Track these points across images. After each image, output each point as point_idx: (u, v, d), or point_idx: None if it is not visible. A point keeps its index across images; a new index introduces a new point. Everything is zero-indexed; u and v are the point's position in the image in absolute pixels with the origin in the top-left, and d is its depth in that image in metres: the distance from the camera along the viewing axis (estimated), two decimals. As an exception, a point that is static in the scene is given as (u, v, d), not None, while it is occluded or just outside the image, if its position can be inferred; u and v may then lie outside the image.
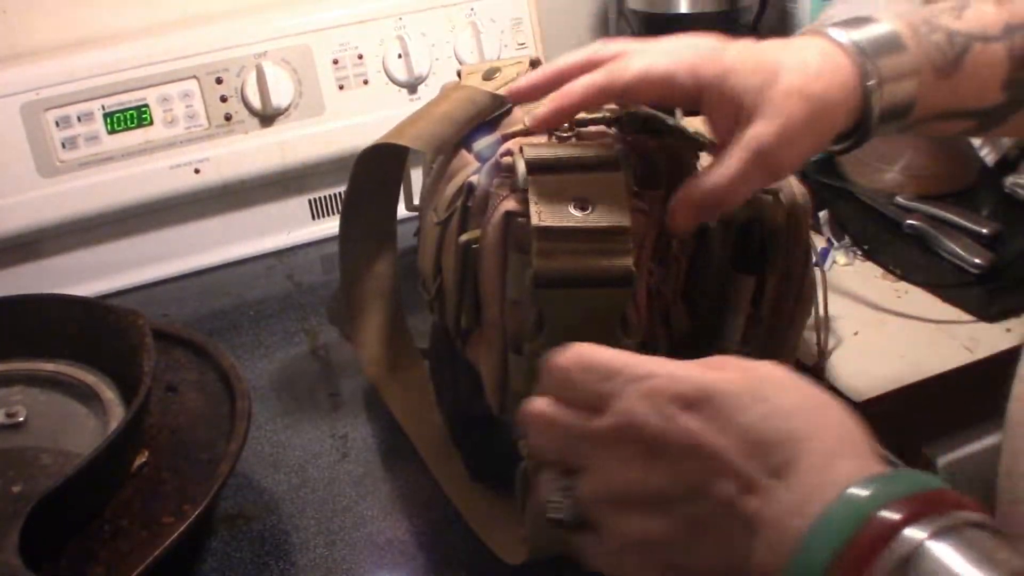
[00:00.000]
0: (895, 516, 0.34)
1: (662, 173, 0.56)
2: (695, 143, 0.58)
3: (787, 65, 0.52)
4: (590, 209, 0.51)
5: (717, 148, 0.54)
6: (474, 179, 0.57)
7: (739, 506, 0.37)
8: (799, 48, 0.53)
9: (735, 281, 0.60)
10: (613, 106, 0.59)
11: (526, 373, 0.54)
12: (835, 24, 0.55)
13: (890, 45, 0.53)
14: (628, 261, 0.51)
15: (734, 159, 0.51)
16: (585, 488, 0.40)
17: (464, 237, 0.56)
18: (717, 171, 0.52)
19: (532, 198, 0.52)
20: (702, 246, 0.59)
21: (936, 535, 0.34)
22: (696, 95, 0.53)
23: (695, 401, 0.38)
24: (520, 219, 0.52)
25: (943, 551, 0.33)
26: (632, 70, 0.53)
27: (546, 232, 0.51)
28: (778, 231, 0.59)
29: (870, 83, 0.52)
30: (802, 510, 0.35)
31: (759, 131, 0.51)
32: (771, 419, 0.38)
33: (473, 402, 0.61)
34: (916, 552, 0.33)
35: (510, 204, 0.53)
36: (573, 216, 0.51)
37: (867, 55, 0.53)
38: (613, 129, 0.57)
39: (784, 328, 0.62)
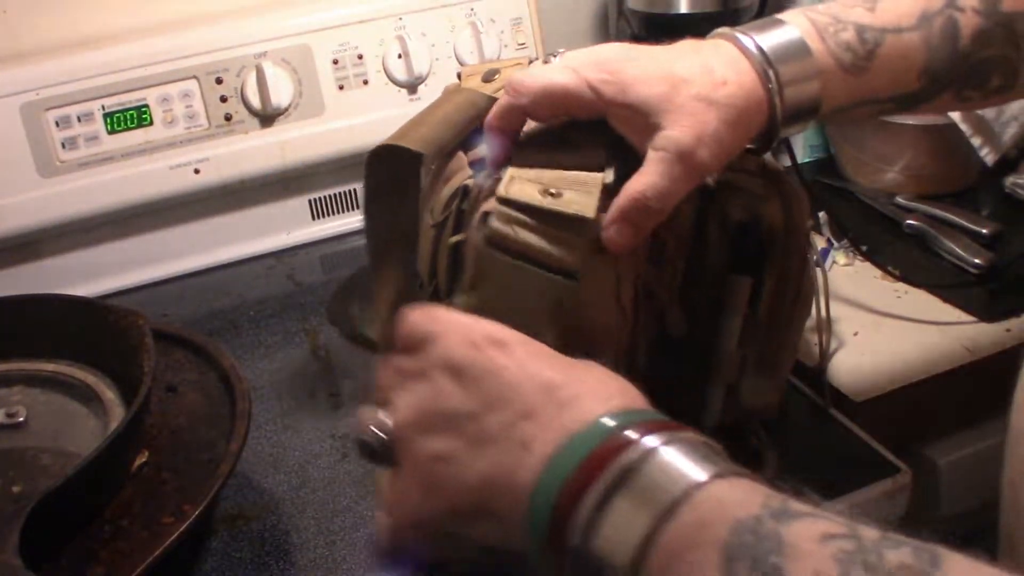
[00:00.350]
0: (634, 434, 0.40)
1: None
2: None
3: (691, 73, 0.53)
4: (558, 197, 0.51)
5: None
6: (470, 182, 0.57)
7: (518, 428, 0.43)
8: (706, 55, 0.54)
9: (732, 283, 0.60)
10: None
11: None
12: (745, 28, 0.56)
13: (794, 51, 0.54)
14: (577, 256, 0.50)
15: (655, 164, 0.52)
16: (397, 415, 0.46)
17: (453, 238, 0.56)
18: (640, 179, 0.52)
19: (504, 179, 0.52)
20: (699, 247, 0.59)
21: (666, 443, 0.39)
22: (601, 109, 0.53)
23: (503, 341, 0.45)
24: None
25: (670, 453, 0.39)
26: (532, 86, 0.53)
27: (508, 202, 0.51)
28: (775, 232, 0.59)
29: (771, 87, 0.53)
30: (565, 434, 0.41)
31: (672, 134, 0.51)
32: (564, 367, 0.45)
33: None
34: (646, 455, 0.39)
35: (489, 205, 0.53)
36: (538, 198, 0.51)
37: (769, 61, 0.54)
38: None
39: (783, 329, 0.62)
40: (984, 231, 0.90)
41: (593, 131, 0.55)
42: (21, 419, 0.68)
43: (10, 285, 0.91)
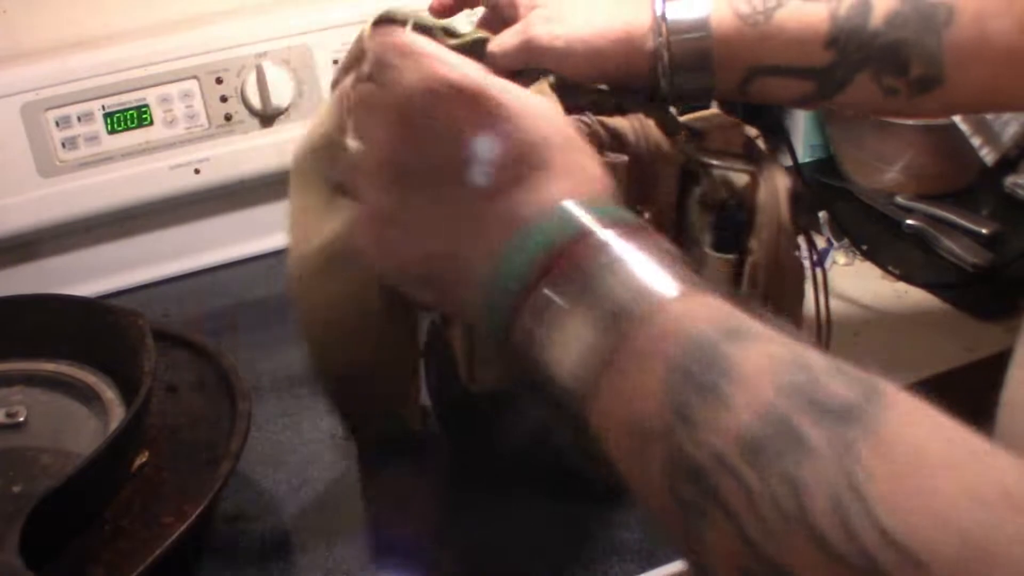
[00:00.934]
0: (598, 234, 0.38)
1: (629, 143, 0.57)
2: (673, 122, 0.59)
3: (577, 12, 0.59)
4: None
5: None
6: None
7: (486, 188, 0.41)
8: (619, 5, 0.59)
9: (712, 261, 0.60)
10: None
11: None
12: None
13: (694, 22, 0.58)
14: None
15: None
16: (367, 157, 0.44)
17: None
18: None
19: None
20: (680, 227, 0.60)
21: (631, 250, 0.38)
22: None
23: (472, 97, 0.41)
24: None
25: (635, 261, 0.38)
26: None
27: None
28: (754, 209, 0.59)
29: (662, 56, 0.57)
30: (540, 205, 0.40)
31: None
32: (534, 131, 0.42)
33: (454, 382, 0.61)
34: (609, 263, 0.37)
35: None
36: None
37: (667, 23, 0.57)
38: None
39: (770, 305, 0.62)
40: (984, 231, 0.90)
41: None
42: (21, 419, 0.68)
43: (10, 285, 0.91)
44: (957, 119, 0.94)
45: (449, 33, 0.63)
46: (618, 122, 0.58)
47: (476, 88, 0.42)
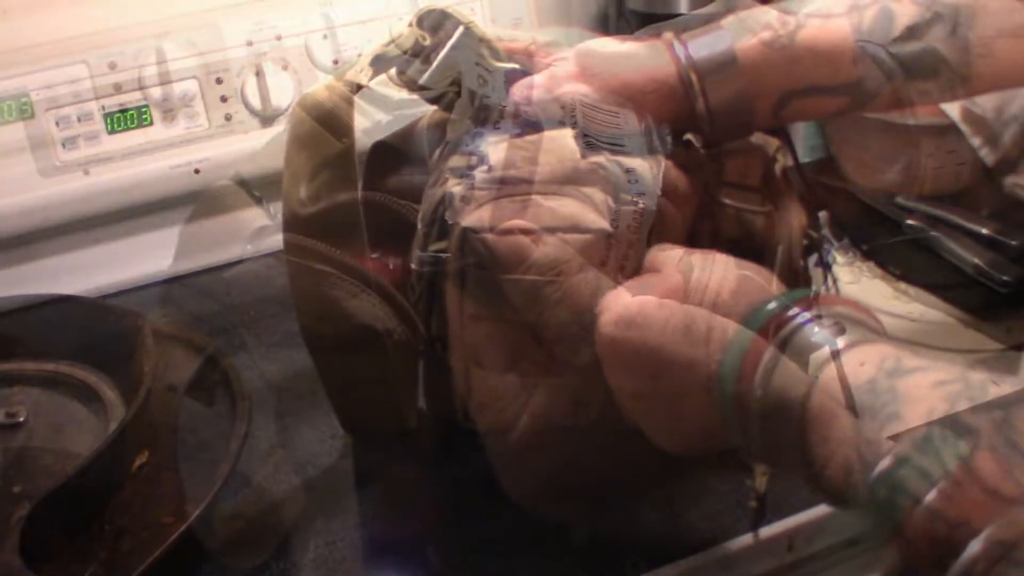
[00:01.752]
0: (787, 313, 0.46)
1: (646, 185, 0.56)
2: (696, 158, 0.58)
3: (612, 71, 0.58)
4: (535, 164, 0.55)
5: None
6: (455, 189, 0.57)
7: (690, 381, 0.48)
8: (640, 55, 0.59)
9: None
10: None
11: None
12: (686, 34, 0.58)
13: (722, 60, 0.57)
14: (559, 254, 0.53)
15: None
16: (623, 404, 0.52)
17: (432, 248, 0.57)
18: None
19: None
20: None
21: (811, 319, 0.46)
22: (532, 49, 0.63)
23: (628, 322, 0.50)
24: (477, 235, 0.53)
25: (810, 328, 0.45)
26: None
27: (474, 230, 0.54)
28: (767, 246, 0.59)
29: (691, 88, 0.57)
30: (721, 345, 0.47)
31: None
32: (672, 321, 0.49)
33: (449, 407, 0.61)
34: (795, 330, 0.46)
35: (469, 219, 0.54)
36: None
37: (696, 68, 0.57)
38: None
39: None
40: (984, 231, 0.90)
41: None
42: (21, 419, 0.68)
43: (10, 285, 0.91)
44: (957, 119, 0.94)
45: (492, 50, 0.63)
46: (635, 163, 0.57)
47: (626, 312, 0.50)
